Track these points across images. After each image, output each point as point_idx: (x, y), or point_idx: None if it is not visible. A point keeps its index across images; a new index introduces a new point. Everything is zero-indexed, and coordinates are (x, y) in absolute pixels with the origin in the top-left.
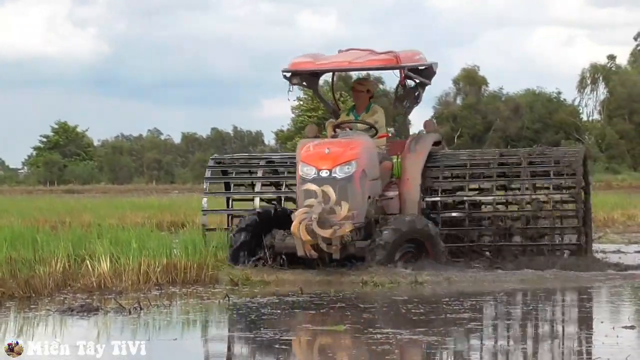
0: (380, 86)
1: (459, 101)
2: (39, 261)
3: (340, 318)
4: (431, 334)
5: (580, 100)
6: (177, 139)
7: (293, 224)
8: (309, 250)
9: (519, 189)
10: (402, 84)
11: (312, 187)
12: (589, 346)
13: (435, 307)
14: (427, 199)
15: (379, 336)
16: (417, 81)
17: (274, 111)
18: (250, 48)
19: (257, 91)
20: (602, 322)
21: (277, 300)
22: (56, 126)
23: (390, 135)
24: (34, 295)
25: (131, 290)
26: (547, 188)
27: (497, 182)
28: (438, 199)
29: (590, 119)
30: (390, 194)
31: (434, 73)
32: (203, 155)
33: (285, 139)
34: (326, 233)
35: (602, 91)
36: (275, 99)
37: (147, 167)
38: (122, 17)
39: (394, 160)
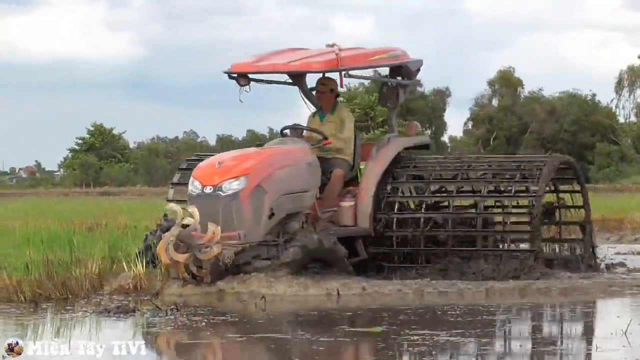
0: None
1: (494, 103)
2: (75, 263)
3: None
4: None
5: (617, 103)
6: (212, 141)
7: (158, 246)
8: (182, 273)
9: (478, 191)
10: (341, 86)
11: (174, 207)
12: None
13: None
14: (380, 211)
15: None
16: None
17: (310, 112)
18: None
19: (292, 93)
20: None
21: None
22: (92, 128)
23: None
24: (70, 296)
25: (167, 291)
26: (507, 193)
27: (453, 195)
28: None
29: (627, 121)
30: (345, 204)
31: (414, 72)
32: None
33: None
34: (181, 257)
35: (639, 94)
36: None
37: None
38: (157, 21)
39: (361, 166)
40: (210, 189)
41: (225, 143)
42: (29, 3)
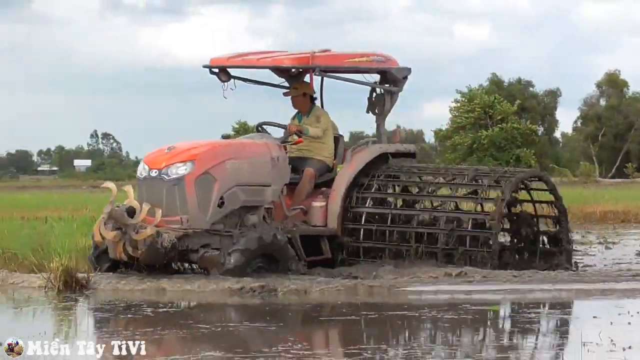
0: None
1: (602, 102)
2: None
3: None
4: None
5: None
6: (346, 137)
7: (95, 224)
8: (119, 253)
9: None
10: (310, 82)
11: (109, 185)
12: None
13: None
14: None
15: None
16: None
17: (434, 112)
18: (412, 56)
19: (417, 95)
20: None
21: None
22: (236, 125)
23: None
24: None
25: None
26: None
27: (412, 196)
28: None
29: None
30: (317, 204)
31: (400, 79)
32: None
33: (443, 137)
34: (110, 235)
35: None
36: (434, 102)
37: None
38: (295, 29)
39: (339, 168)
40: (156, 172)
41: (357, 139)
42: (183, 13)
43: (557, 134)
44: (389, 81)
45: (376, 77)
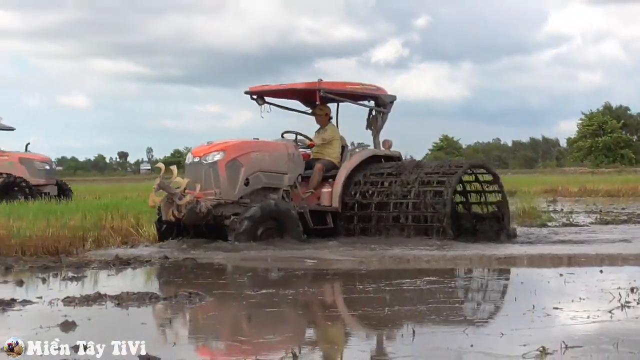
0: None
1: None
2: None
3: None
4: None
5: None
6: (509, 143)
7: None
8: (169, 215)
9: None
10: (319, 102)
11: (160, 165)
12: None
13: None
14: (348, 197)
15: None
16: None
17: (566, 127)
18: (552, 93)
19: (555, 115)
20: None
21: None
22: (441, 137)
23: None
24: None
25: None
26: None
27: (393, 181)
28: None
29: None
30: (325, 190)
31: (388, 104)
32: (524, 152)
33: (572, 142)
34: (157, 199)
35: None
36: (567, 120)
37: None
38: (477, 77)
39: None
40: (197, 159)
41: (516, 145)
42: (407, 67)
43: None
44: (380, 105)
45: (372, 104)
